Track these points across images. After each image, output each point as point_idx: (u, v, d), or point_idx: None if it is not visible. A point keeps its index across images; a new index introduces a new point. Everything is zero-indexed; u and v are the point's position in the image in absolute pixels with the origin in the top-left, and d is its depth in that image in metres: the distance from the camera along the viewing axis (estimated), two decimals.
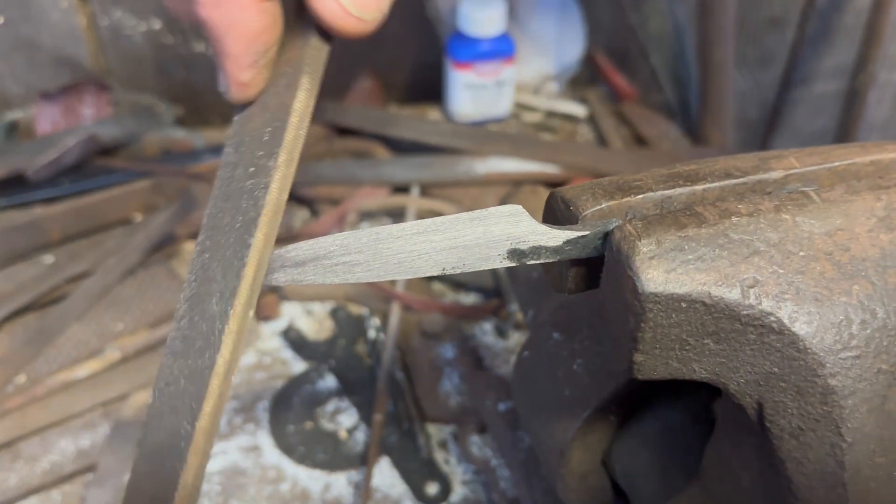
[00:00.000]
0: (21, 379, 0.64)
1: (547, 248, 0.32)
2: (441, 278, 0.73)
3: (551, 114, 0.93)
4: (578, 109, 0.93)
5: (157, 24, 0.86)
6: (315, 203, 0.79)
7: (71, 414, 0.62)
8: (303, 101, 0.35)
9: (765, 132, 1.05)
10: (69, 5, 0.83)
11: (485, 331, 0.68)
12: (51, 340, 0.66)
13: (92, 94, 0.84)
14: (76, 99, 0.84)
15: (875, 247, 0.32)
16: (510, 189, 0.79)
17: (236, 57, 0.35)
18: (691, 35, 0.92)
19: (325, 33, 0.37)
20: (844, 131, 1.00)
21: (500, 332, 0.68)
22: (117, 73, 0.88)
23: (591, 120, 0.93)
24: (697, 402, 0.43)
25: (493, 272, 0.72)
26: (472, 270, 0.32)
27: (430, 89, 0.96)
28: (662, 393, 0.44)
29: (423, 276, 0.31)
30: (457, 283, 0.72)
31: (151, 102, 0.88)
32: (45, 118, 0.83)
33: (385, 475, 0.58)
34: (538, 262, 0.32)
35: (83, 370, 0.64)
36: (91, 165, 0.80)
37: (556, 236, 0.31)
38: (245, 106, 0.37)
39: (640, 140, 0.89)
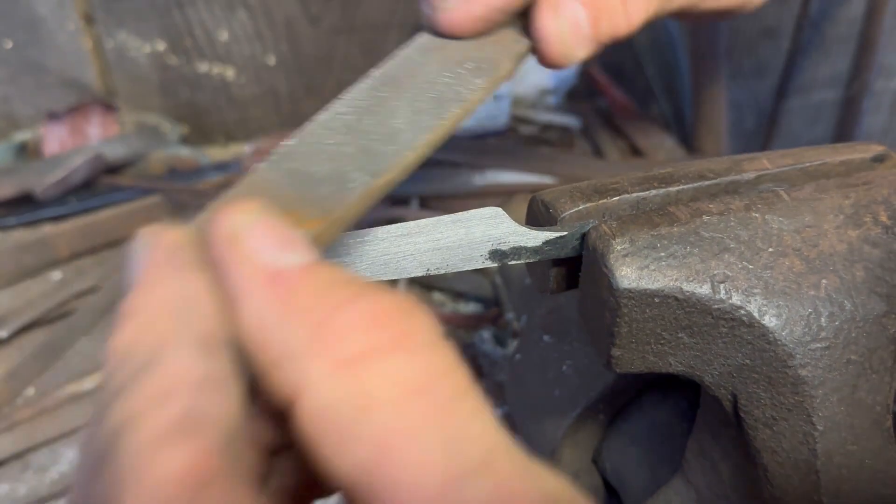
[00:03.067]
0: (30, 392, 0.65)
1: (527, 249, 0.33)
2: (441, 288, 0.74)
3: (548, 126, 0.95)
4: (575, 122, 0.95)
5: (161, 46, 0.88)
6: None
7: (79, 425, 0.63)
8: (508, 71, 0.38)
9: (762, 142, 1.07)
10: (75, 28, 0.85)
11: (483, 339, 0.69)
12: (59, 354, 0.68)
13: (98, 114, 0.86)
14: (83, 119, 0.86)
15: (843, 242, 0.33)
16: (505, 199, 0.80)
17: (499, 3, 0.38)
18: (684, 47, 0.93)
19: (529, 46, 0.40)
20: (840, 139, 1.02)
21: (499, 341, 0.69)
22: (123, 94, 0.90)
23: (587, 132, 0.94)
24: (684, 399, 0.44)
25: (492, 282, 0.73)
26: (455, 271, 0.33)
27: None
28: (649, 391, 0.45)
29: (408, 276, 0.33)
30: (456, 292, 0.74)
31: (157, 122, 0.90)
32: (53, 138, 0.85)
33: None
34: (519, 262, 0.33)
35: (91, 382, 0.65)
36: (98, 184, 0.82)
37: (535, 237, 0.33)
38: (434, 35, 0.39)
39: (635, 151, 0.90)
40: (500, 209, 0.33)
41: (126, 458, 0.19)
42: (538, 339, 0.47)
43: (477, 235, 0.32)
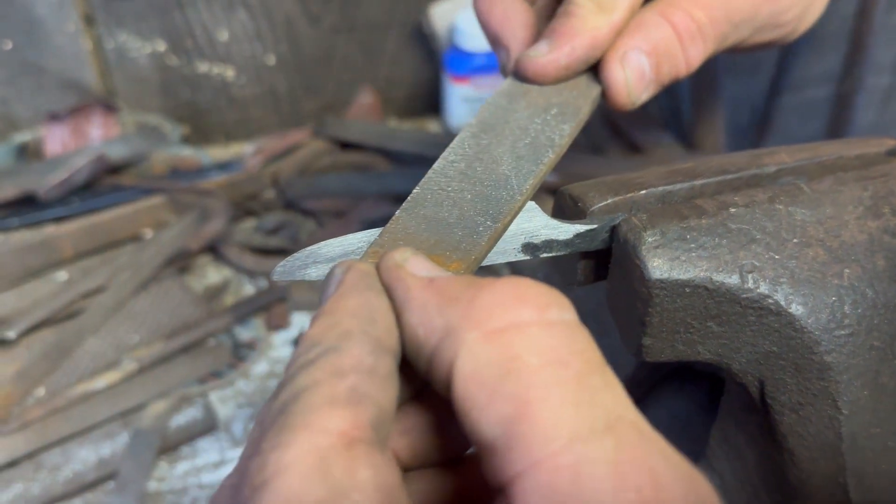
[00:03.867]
0: (40, 392, 0.66)
1: (558, 242, 0.34)
2: None
3: None
4: None
5: (161, 46, 0.88)
6: (320, 215, 0.81)
7: (91, 424, 0.63)
8: (588, 113, 0.42)
9: (756, 138, 1.08)
10: (75, 29, 0.85)
11: None
12: (68, 354, 0.68)
13: (100, 114, 0.87)
14: (84, 120, 0.86)
15: (863, 233, 0.34)
16: None
17: (581, 54, 0.42)
18: None
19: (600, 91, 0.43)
20: (834, 135, 1.03)
21: None
22: (123, 95, 0.90)
23: (586, 129, 0.95)
24: (701, 391, 0.45)
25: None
26: (489, 264, 0.34)
27: (428, 103, 0.99)
28: (667, 383, 0.46)
29: None
30: None
31: (157, 122, 0.90)
32: (55, 139, 0.85)
33: None
34: (550, 254, 0.34)
35: (101, 382, 0.66)
36: (101, 184, 0.82)
37: (566, 230, 0.34)
38: (518, 81, 0.43)
39: (634, 148, 0.91)
40: (533, 203, 0.33)
41: (301, 411, 0.23)
42: None
43: (511, 229, 0.33)
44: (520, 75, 0.42)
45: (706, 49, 0.45)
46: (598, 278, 0.36)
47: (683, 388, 0.46)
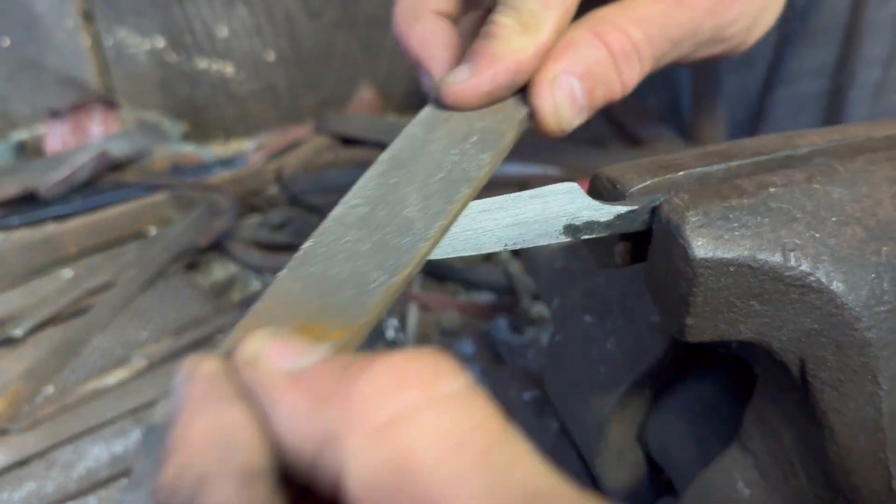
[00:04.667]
0: (49, 390, 0.65)
1: (599, 223, 0.34)
2: (453, 278, 0.75)
3: None
4: None
5: (160, 43, 0.88)
6: (324, 210, 0.81)
7: (102, 421, 0.63)
8: (512, 140, 0.39)
9: (751, 133, 1.09)
10: (74, 25, 0.85)
11: (499, 327, 0.70)
12: (76, 351, 0.67)
13: (100, 111, 0.86)
14: (85, 117, 0.85)
15: None
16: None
17: (505, 79, 0.39)
18: None
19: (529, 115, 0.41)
20: None
21: (516, 328, 0.70)
22: (122, 91, 0.90)
23: (587, 123, 0.95)
24: (726, 375, 0.45)
25: (504, 271, 0.74)
26: (530, 245, 0.34)
27: (427, 98, 0.99)
28: (692, 368, 0.46)
29: (485, 252, 0.33)
30: (469, 282, 0.75)
31: (157, 119, 0.90)
32: (55, 137, 0.84)
33: None
34: (591, 236, 0.34)
35: (111, 378, 0.65)
36: (102, 181, 0.82)
37: (608, 212, 0.34)
38: (438, 107, 0.40)
39: (634, 141, 0.92)
40: (575, 184, 0.34)
41: None
42: (578, 320, 0.49)
43: (554, 210, 0.33)
44: (440, 103, 0.40)
45: (642, 70, 0.42)
46: (636, 261, 0.37)
47: (709, 373, 0.46)
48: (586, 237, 0.34)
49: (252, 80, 0.93)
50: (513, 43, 0.38)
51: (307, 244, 0.32)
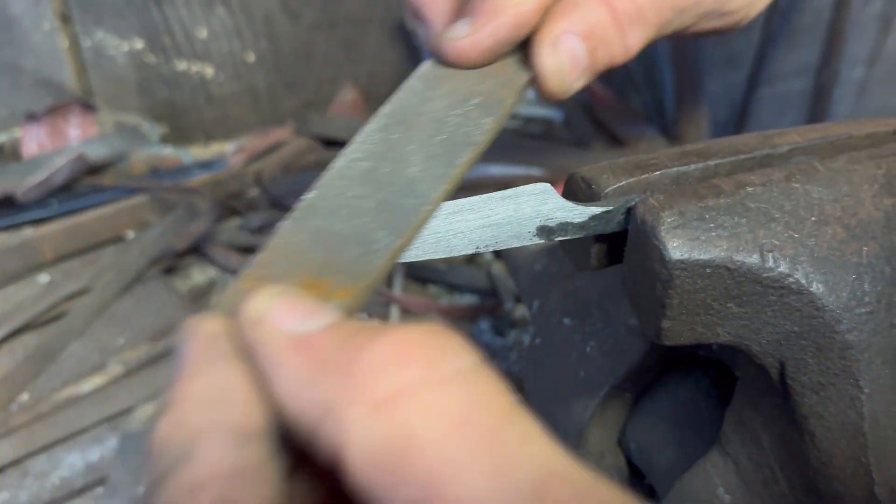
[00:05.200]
0: (24, 397, 0.64)
1: (573, 225, 0.33)
2: (436, 281, 0.74)
3: (531, 119, 0.95)
4: (557, 115, 0.95)
5: (139, 44, 0.87)
6: None
7: (78, 429, 0.62)
8: (512, 106, 0.38)
9: (735, 132, 1.08)
10: (51, 27, 0.83)
11: (482, 330, 0.70)
12: (52, 358, 0.66)
13: (78, 114, 0.85)
14: (62, 120, 0.84)
15: (879, 210, 0.34)
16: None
17: (505, 34, 0.38)
18: (663, 39, 0.94)
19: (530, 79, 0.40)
20: None
21: (498, 331, 0.69)
22: (100, 94, 0.88)
23: (570, 124, 0.95)
24: (707, 377, 0.45)
25: (487, 273, 0.74)
26: (503, 248, 0.33)
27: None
28: (673, 371, 0.45)
29: (458, 254, 0.33)
30: (452, 284, 0.74)
31: (136, 122, 0.89)
32: (32, 140, 0.83)
33: None
34: (565, 238, 0.33)
35: (87, 385, 0.64)
36: (80, 185, 0.81)
37: (582, 212, 0.33)
38: (438, 64, 0.39)
39: (617, 142, 0.91)
40: (548, 185, 0.33)
41: None
42: (558, 323, 0.48)
43: (526, 211, 0.33)
44: (439, 58, 0.39)
45: (647, 35, 0.42)
46: (612, 263, 0.36)
47: (690, 376, 0.45)
48: (560, 238, 0.33)
49: (232, 81, 0.92)
50: None
51: (310, 195, 0.31)
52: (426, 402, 0.21)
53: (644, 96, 1.00)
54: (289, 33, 0.91)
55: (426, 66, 0.39)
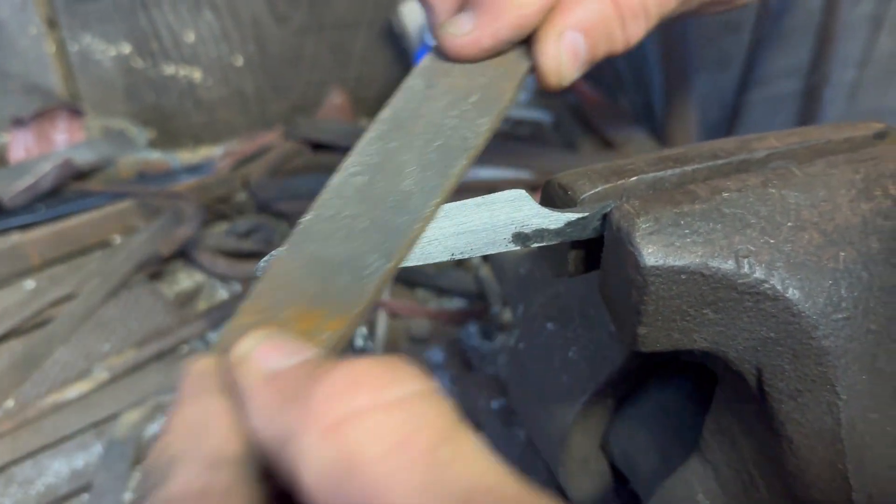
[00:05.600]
0: (9, 404, 0.64)
1: (549, 231, 0.33)
2: (425, 285, 0.74)
3: (520, 122, 0.95)
4: (546, 117, 0.95)
5: (126, 49, 0.87)
6: (293, 217, 0.80)
7: (63, 436, 0.62)
8: (512, 99, 0.38)
9: (726, 134, 1.08)
10: (38, 32, 0.83)
11: (470, 334, 0.70)
12: (37, 364, 0.66)
13: (65, 119, 0.85)
14: (49, 125, 0.84)
15: (856, 215, 0.33)
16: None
17: (506, 35, 0.38)
18: (653, 40, 0.94)
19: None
20: None
21: (486, 335, 0.69)
22: (87, 98, 0.88)
23: (559, 127, 0.95)
24: (689, 381, 0.44)
25: (475, 277, 0.73)
26: (479, 255, 0.33)
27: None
28: (655, 375, 0.45)
29: (433, 261, 0.32)
30: (440, 288, 0.74)
31: (123, 126, 0.88)
32: (19, 145, 0.83)
33: None
34: (541, 244, 0.33)
35: (72, 392, 0.64)
36: (67, 190, 0.80)
37: (557, 219, 0.33)
38: (439, 56, 0.40)
39: (607, 144, 0.91)
40: (523, 191, 0.33)
41: None
42: (541, 328, 0.48)
43: (501, 218, 0.32)
44: (441, 52, 0.39)
45: (648, 26, 0.42)
46: (590, 269, 0.36)
47: (672, 381, 0.45)
48: (537, 245, 0.33)
49: (220, 85, 0.91)
50: None
51: (307, 217, 0.32)
52: (370, 425, 0.23)
53: (633, 98, 1.00)
54: (276, 37, 0.91)
55: (427, 60, 0.40)
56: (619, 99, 1.01)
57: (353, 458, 0.22)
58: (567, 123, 0.94)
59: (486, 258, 0.72)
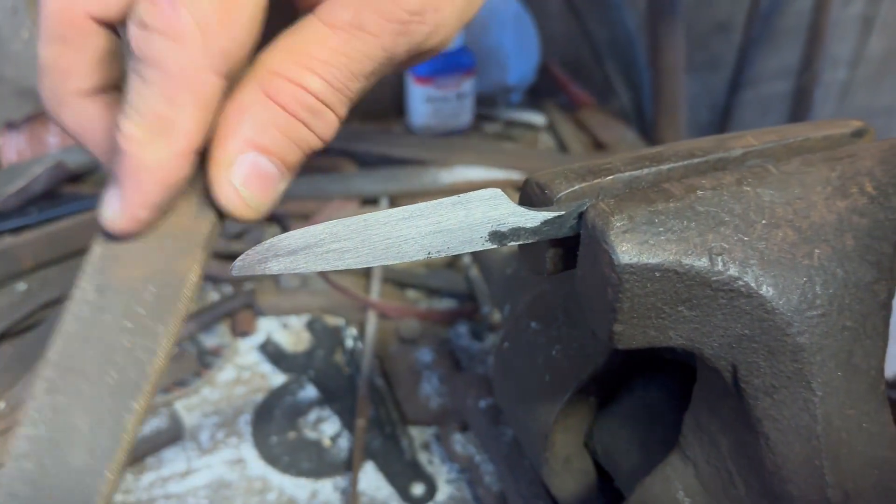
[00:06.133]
0: (0, 406, 0.64)
1: (526, 230, 0.33)
2: (415, 285, 0.74)
3: (511, 123, 0.95)
4: (538, 118, 0.95)
5: None
6: (285, 219, 0.80)
7: None
8: (198, 275, 0.34)
9: (716, 133, 1.09)
10: (30, 36, 0.83)
11: (460, 334, 0.70)
12: (29, 366, 0.66)
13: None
14: (41, 128, 0.84)
15: (832, 213, 0.34)
16: None
17: (159, 198, 0.33)
18: (642, 42, 0.95)
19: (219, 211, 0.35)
20: None
21: (476, 335, 0.69)
22: None
23: (551, 128, 0.95)
24: (672, 379, 0.45)
25: (465, 277, 0.74)
26: (455, 253, 0.33)
27: (391, 105, 0.98)
28: (639, 373, 0.46)
29: (409, 260, 0.33)
30: (431, 288, 0.74)
31: None
32: (11, 148, 0.83)
33: (371, 479, 0.59)
34: (518, 243, 0.33)
35: None
36: (59, 193, 0.80)
37: (533, 217, 0.33)
38: (109, 239, 0.34)
39: (598, 145, 0.92)
40: (499, 190, 0.33)
41: None
42: (525, 327, 0.48)
43: (477, 217, 0.33)
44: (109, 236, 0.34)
45: (339, 114, 0.36)
46: (567, 267, 0.36)
47: (656, 378, 0.45)
48: (513, 243, 0.34)
49: None
50: (147, 157, 0.32)
51: None
52: None
53: (623, 99, 1.01)
54: None
55: (99, 248, 0.35)
56: (610, 100, 1.01)
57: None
58: (558, 124, 0.94)
59: (474, 258, 0.73)
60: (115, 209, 0.33)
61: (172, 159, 0.32)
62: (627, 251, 0.31)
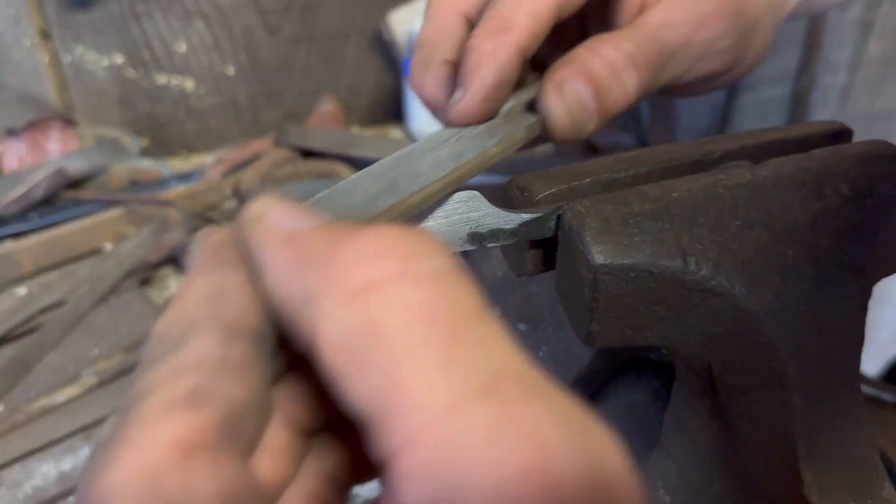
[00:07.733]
0: None
1: (504, 231, 0.34)
2: None
3: None
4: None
5: (119, 59, 0.88)
6: None
7: (51, 439, 0.62)
8: (521, 137, 0.40)
9: None
10: (32, 44, 0.84)
11: None
12: (28, 370, 0.67)
13: (57, 129, 0.86)
14: (42, 135, 0.85)
15: (806, 213, 0.34)
16: None
17: (492, 80, 0.39)
18: None
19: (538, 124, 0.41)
20: None
21: None
22: (81, 108, 0.89)
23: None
24: (657, 379, 0.45)
25: None
26: None
27: (390, 110, 0.99)
28: (623, 374, 0.46)
29: None
30: None
31: (116, 135, 0.90)
32: (12, 154, 0.84)
33: None
34: (497, 244, 0.34)
35: (61, 396, 0.65)
36: (60, 199, 0.81)
37: (512, 219, 0.34)
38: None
39: (594, 150, 0.92)
40: (477, 192, 0.33)
41: (135, 421, 0.21)
42: (513, 329, 0.48)
43: (455, 218, 0.33)
44: (450, 125, 0.41)
45: (641, 78, 0.42)
46: (549, 268, 0.36)
47: (640, 379, 0.46)
48: (492, 245, 0.34)
49: (212, 94, 0.93)
50: (486, 46, 0.40)
51: (322, 192, 0.32)
52: (396, 294, 0.21)
53: None
54: (268, 46, 0.92)
55: (437, 131, 0.40)
56: None
57: (375, 327, 0.21)
58: None
59: (465, 259, 0.73)
60: (458, 96, 0.40)
61: (506, 49, 0.40)
62: (603, 252, 0.32)
